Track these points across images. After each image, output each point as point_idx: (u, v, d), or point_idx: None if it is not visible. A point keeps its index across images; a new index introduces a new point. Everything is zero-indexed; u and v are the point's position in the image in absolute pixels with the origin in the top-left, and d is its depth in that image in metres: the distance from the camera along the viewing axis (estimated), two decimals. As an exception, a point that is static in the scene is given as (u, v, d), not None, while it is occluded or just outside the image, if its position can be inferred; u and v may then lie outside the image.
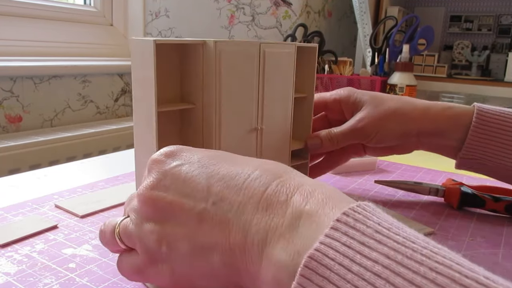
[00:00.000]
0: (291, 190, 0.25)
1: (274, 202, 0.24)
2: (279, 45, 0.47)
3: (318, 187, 0.25)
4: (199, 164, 0.28)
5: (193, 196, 0.26)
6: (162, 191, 0.27)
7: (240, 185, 0.26)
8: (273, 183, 0.25)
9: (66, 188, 0.57)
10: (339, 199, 0.23)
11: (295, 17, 1.58)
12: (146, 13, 1.76)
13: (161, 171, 0.28)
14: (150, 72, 0.38)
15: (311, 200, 0.23)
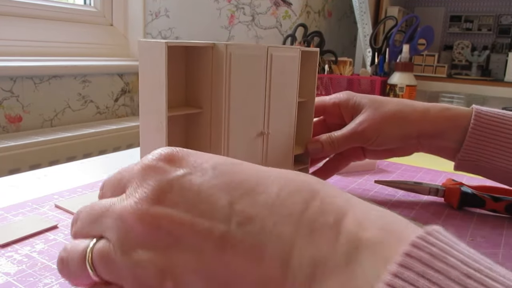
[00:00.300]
0: (338, 209, 0.20)
1: (319, 225, 0.19)
2: (284, 48, 0.47)
3: (370, 207, 0.21)
4: (214, 173, 0.22)
5: (211, 214, 0.20)
6: (169, 207, 0.21)
7: (272, 201, 0.20)
8: (313, 201, 0.20)
9: (66, 188, 0.57)
10: (400, 224, 0.19)
11: (295, 17, 1.58)
12: (146, 13, 1.76)
13: (164, 180, 0.22)
14: (161, 75, 0.37)
15: (368, 225, 0.19)
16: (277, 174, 0.22)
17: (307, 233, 0.19)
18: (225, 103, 0.41)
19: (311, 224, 0.19)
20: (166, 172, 0.22)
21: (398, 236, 0.18)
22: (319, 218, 0.19)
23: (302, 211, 0.20)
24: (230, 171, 0.22)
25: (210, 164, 0.23)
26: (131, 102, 1.67)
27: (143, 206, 0.21)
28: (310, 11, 1.65)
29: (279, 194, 0.20)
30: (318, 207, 0.20)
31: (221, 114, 0.41)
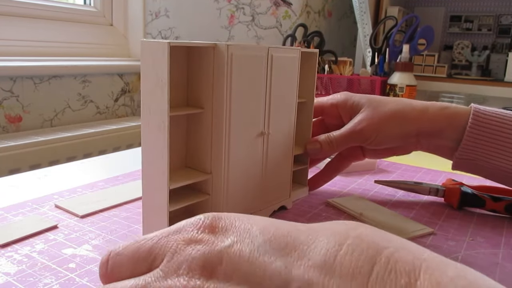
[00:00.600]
0: (409, 267, 0.17)
1: (390, 286, 0.17)
2: (285, 49, 0.47)
3: (445, 262, 0.18)
4: (264, 238, 0.20)
5: (269, 283, 0.18)
6: (222, 281, 0.19)
7: (332, 262, 0.18)
8: (380, 258, 0.18)
9: (66, 188, 0.57)
10: (484, 283, 0.17)
11: (295, 17, 1.58)
12: (146, 13, 1.76)
13: (213, 252, 0.20)
14: (163, 75, 0.37)
15: (447, 285, 0.16)
16: (330, 229, 0.20)
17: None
18: (226, 103, 0.41)
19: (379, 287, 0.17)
20: (212, 243, 0.20)
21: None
22: (388, 279, 0.17)
23: (368, 272, 0.17)
24: (280, 233, 0.20)
25: (257, 229, 0.20)
26: (131, 102, 1.67)
27: (196, 283, 0.19)
28: (310, 11, 1.65)
29: (338, 252, 0.18)
30: (385, 265, 0.17)
31: (222, 115, 0.41)
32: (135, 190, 0.56)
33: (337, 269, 0.18)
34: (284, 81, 0.48)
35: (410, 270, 0.17)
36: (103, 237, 0.43)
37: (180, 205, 0.41)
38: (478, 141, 0.49)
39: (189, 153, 0.45)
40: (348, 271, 0.17)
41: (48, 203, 0.51)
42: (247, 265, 0.19)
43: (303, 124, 0.55)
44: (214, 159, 0.43)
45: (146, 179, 0.42)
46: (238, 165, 0.44)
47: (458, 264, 0.18)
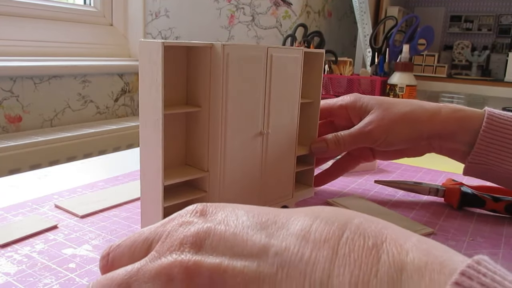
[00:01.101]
0: (376, 233, 0.19)
1: (358, 248, 0.19)
2: (286, 49, 0.47)
3: (408, 232, 0.20)
4: (248, 216, 0.22)
5: (249, 252, 0.20)
6: (208, 253, 0.21)
7: (307, 230, 0.20)
8: (349, 225, 0.20)
9: (66, 188, 0.57)
10: (441, 249, 0.19)
11: (295, 17, 1.58)
12: (146, 13, 1.76)
13: (202, 228, 0.22)
14: (158, 74, 0.38)
15: (409, 248, 0.18)
16: (308, 210, 0.22)
17: (346, 257, 0.18)
18: (222, 102, 0.41)
19: (349, 247, 0.19)
20: (202, 223, 0.22)
21: (440, 261, 0.18)
22: (357, 241, 0.19)
23: (339, 236, 0.19)
24: (263, 212, 0.22)
25: (242, 210, 0.23)
26: (131, 102, 1.67)
27: (186, 256, 0.21)
28: (310, 11, 1.65)
29: (313, 223, 0.20)
30: (354, 231, 0.19)
31: (219, 113, 0.41)
32: (135, 190, 0.56)
33: (311, 235, 0.20)
34: (286, 81, 0.48)
35: (377, 234, 0.19)
36: (103, 237, 0.43)
37: (175, 201, 0.42)
38: (491, 145, 0.48)
39: (189, 151, 0.46)
40: (321, 236, 0.20)
41: (48, 203, 0.51)
42: (231, 237, 0.21)
43: (309, 125, 0.55)
44: (211, 157, 0.43)
45: (143, 176, 0.42)
46: (235, 164, 0.44)
47: (418, 235, 0.20)
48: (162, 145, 0.39)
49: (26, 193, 0.55)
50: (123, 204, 0.52)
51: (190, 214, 0.23)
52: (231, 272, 0.20)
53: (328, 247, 0.19)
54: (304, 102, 0.52)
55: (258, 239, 0.20)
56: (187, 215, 0.23)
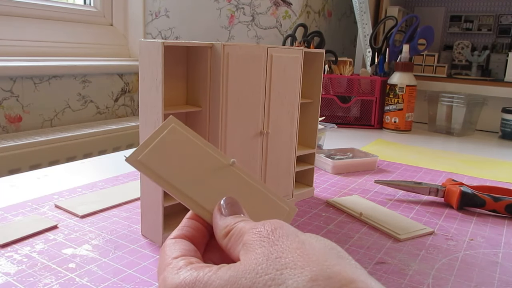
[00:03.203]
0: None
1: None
2: (286, 49, 0.47)
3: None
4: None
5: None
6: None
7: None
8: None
9: (66, 188, 0.57)
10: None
11: (295, 17, 1.58)
12: (146, 13, 1.76)
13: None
14: (158, 74, 0.38)
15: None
16: (311, 261, 0.21)
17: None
18: (222, 102, 0.41)
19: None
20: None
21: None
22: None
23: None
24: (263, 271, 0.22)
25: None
26: (131, 102, 1.67)
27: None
28: (310, 11, 1.65)
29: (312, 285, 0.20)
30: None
31: (219, 113, 0.41)
32: (135, 190, 0.56)
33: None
34: (286, 81, 0.48)
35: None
36: (103, 237, 0.43)
37: (175, 201, 0.42)
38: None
39: None
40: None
41: (48, 203, 0.51)
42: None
43: (309, 125, 0.55)
44: None
45: (143, 176, 0.42)
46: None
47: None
48: None
49: (26, 193, 0.55)
50: (123, 204, 0.52)
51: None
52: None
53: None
54: (304, 102, 0.52)
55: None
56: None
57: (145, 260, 0.39)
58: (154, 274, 0.37)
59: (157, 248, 0.41)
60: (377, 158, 0.74)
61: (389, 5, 1.52)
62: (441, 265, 0.41)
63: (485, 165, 0.79)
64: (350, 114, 1.26)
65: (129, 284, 0.35)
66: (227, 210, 0.27)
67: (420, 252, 0.44)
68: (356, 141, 0.99)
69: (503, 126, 1.13)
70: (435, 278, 0.39)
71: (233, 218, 0.26)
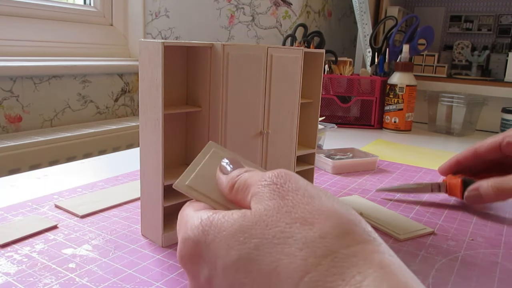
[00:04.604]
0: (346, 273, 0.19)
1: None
2: (286, 49, 0.47)
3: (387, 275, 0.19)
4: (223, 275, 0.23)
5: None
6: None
7: (270, 271, 0.20)
8: (321, 263, 0.19)
9: (66, 188, 0.57)
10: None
11: (295, 17, 1.58)
12: (146, 13, 1.76)
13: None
14: (158, 74, 0.38)
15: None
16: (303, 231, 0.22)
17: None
18: (222, 102, 0.41)
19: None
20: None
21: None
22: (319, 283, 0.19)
23: (300, 278, 0.19)
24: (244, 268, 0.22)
25: (221, 266, 0.23)
26: (131, 102, 1.67)
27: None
28: (310, 11, 1.65)
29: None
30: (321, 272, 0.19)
31: (218, 113, 0.41)
32: (135, 190, 0.56)
33: (273, 276, 0.20)
34: (286, 81, 0.48)
35: (345, 275, 0.19)
36: (103, 237, 0.43)
37: (175, 201, 0.42)
38: None
39: (189, 151, 0.46)
40: (281, 276, 0.20)
41: (48, 203, 0.51)
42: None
43: (309, 125, 0.55)
44: None
45: (143, 176, 0.42)
46: None
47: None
48: (162, 145, 0.39)
49: (26, 193, 0.55)
50: (123, 204, 0.52)
51: (180, 256, 0.26)
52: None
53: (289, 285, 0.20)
54: (304, 102, 0.52)
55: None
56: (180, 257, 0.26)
57: (145, 260, 0.39)
58: (154, 274, 0.37)
59: (157, 248, 0.41)
60: (377, 158, 0.74)
61: (389, 5, 1.52)
62: (441, 265, 0.41)
63: (485, 165, 0.78)
64: (350, 114, 1.26)
65: (129, 284, 0.35)
66: (231, 166, 0.28)
67: (420, 252, 0.44)
68: (356, 141, 0.99)
69: (503, 126, 1.13)
70: (435, 278, 0.39)
71: (236, 171, 0.27)
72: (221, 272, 0.22)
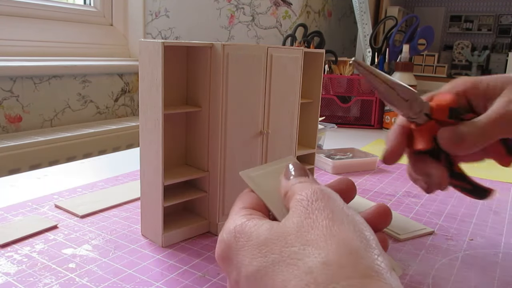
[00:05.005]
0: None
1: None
2: (286, 49, 0.47)
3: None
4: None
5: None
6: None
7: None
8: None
9: (66, 188, 0.57)
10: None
11: (295, 17, 1.58)
12: (146, 13, 1.76)
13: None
14: (158, 74, 0.38)
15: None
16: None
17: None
18: (222, 102, 0.41)
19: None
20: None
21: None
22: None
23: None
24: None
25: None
26: (131, 102, 1.67)
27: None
28: (310, 11, 1.65)
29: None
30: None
31: (218, 113, 0.41)
32: (135, 190, 0.56)
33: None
34: (286, 81, 0.48)
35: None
36: (103, 237, 0.43)
37: (175, 201, 0.42)
38: None
39: (189, 151, 0.46)
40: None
41: (48, 203, 0.51)
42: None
43: (309, 125, 0.55)
44: (211, 157, 0.43)
45: (143, 176, 0.42)
46: (236, 164, 0.44)
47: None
48: (162, 145, 0.39)
49: (26, 193, 0.55)
50: (123, 204, 0.52)
51: (217, 254, 0.27)
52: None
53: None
54: (304, 102, 0.52)
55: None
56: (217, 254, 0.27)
57: (145, 260, 0.39)
58: (154, 274, 0.37)
59: (157, 248, 0.41)
60: (377, 158, 0.74)
61: (389, 5, 1.52)
62: (441, 265, 0.41)
63: (485, 165, 0.79)
64: (350, 114, 1.26)
65: (129, 284, 0.35)
66: (293, 173, 0.28)
67: (420, 252, 0.44)
68: (356, 141, 0.99)
69: (503, 126, 1.13)
70: (435, 278, 0.39)
71: (294, 179, 0.28)
72: (244, 279, 0.23)
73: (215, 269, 0.38)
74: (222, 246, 0.26)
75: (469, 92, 0.40)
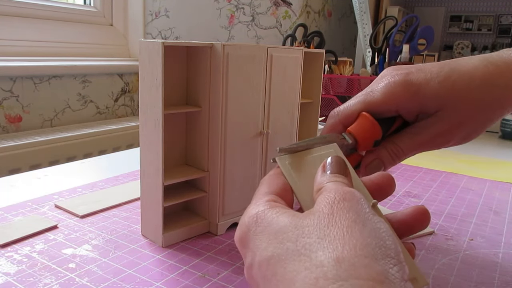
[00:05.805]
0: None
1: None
2: (286, 49, 0.47)
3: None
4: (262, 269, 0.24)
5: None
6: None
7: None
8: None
9: (66, 188, 0.57)
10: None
11: (295, 17, 1.58)
12: (146, 13, 1.76)
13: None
14: (158, 74, 0.38)
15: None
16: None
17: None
18: (222, 102, 0.41)
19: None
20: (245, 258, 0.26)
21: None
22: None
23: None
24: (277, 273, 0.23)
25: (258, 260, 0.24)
26: (131, 102, 1.67)
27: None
28: (310, 11, 1.66)
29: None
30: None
31: (218, 113, 0.41)
32: (135, 190, 0.56)
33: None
34: (286, 81, 0.48)
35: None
36: (103, 237, 0.43)
37: (175, 201, 0.42)
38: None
39: (189, 151, 0.46)
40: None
41: (48, 203, 0.51)
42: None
43: (309, 125, 0.55)
44: (211, 157, 0.43)
45: (143, 176, 0.42)
46: (236, 164, 0.44)
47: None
48: (162, 145, 0.39)
49: (26, 193, 0.55)
50: (123, 204, 0.52)
51: (236, 238, 0.27)
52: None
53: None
54: (304, 102, 0.52)
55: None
56: (237, 239, 0.27)
57: (145, 260, 0.39)
58: (154, 274, 0.37)
59: (157, 248, 0.41)
60: (377, 158, 0.74)
61: (389, 5, 1.52)
62: (441, 265, 0.41)
63: (485, 165, 0.79)
64: (350, 114, 1.25)
65: (129, 284, 0.35)
66: (331, 169, 0.28)
67: (420, 252, 0.44)
68: (356, 141, 0.99)
69: (503, 126, 1.13)
70: (435, 278, 0.39)
71: (329, 177, 0.27)
72: (257, 263, 0.24)
73: (215, 269, 0.38)
74: (243, 228, 0.26)
75: (401, 106, 0.37)
